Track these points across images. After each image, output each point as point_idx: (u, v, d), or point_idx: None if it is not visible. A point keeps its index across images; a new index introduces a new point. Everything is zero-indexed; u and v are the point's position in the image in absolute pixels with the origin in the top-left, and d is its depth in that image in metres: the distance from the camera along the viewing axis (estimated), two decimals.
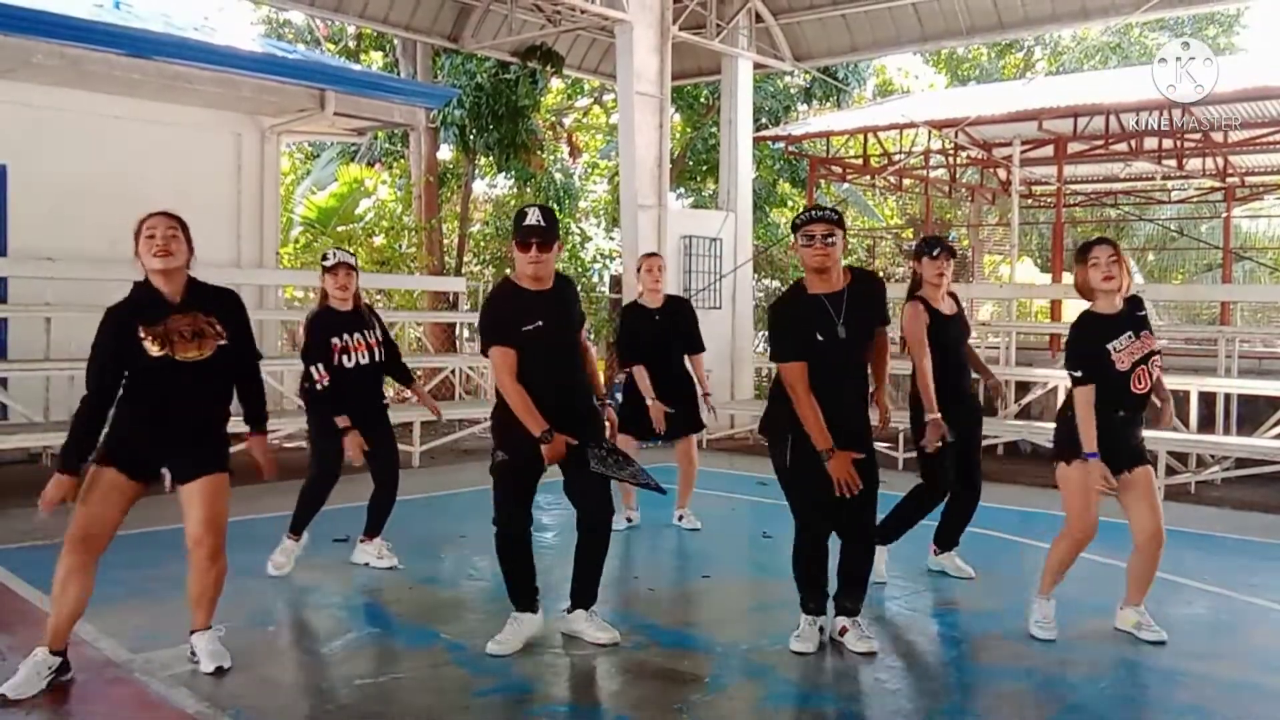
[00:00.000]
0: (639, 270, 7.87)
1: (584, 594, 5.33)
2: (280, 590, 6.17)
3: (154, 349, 4.50)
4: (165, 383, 4.56)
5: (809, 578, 5.26)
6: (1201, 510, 9.07)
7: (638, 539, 7.65)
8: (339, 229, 18.44)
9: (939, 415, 6.03)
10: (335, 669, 4.93)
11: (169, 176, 11.20)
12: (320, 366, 6.29)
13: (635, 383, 7.64)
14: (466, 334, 16.81)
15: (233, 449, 4.86)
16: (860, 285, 5.17)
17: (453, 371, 14.04)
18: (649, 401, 7.45)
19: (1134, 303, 5.31)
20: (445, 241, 20.12)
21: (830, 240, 5.00)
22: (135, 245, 4.63)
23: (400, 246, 18.30)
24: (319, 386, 6.30)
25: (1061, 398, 11.34)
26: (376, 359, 6.51)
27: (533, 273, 5.04)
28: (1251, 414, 10.90)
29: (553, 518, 8.00)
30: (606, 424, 5.34)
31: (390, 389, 8.78)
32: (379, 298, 15.70)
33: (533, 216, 5.03)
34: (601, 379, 5.35)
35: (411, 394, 6.94)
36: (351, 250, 7.11)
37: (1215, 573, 6.80)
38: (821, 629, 5.26)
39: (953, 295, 6.50)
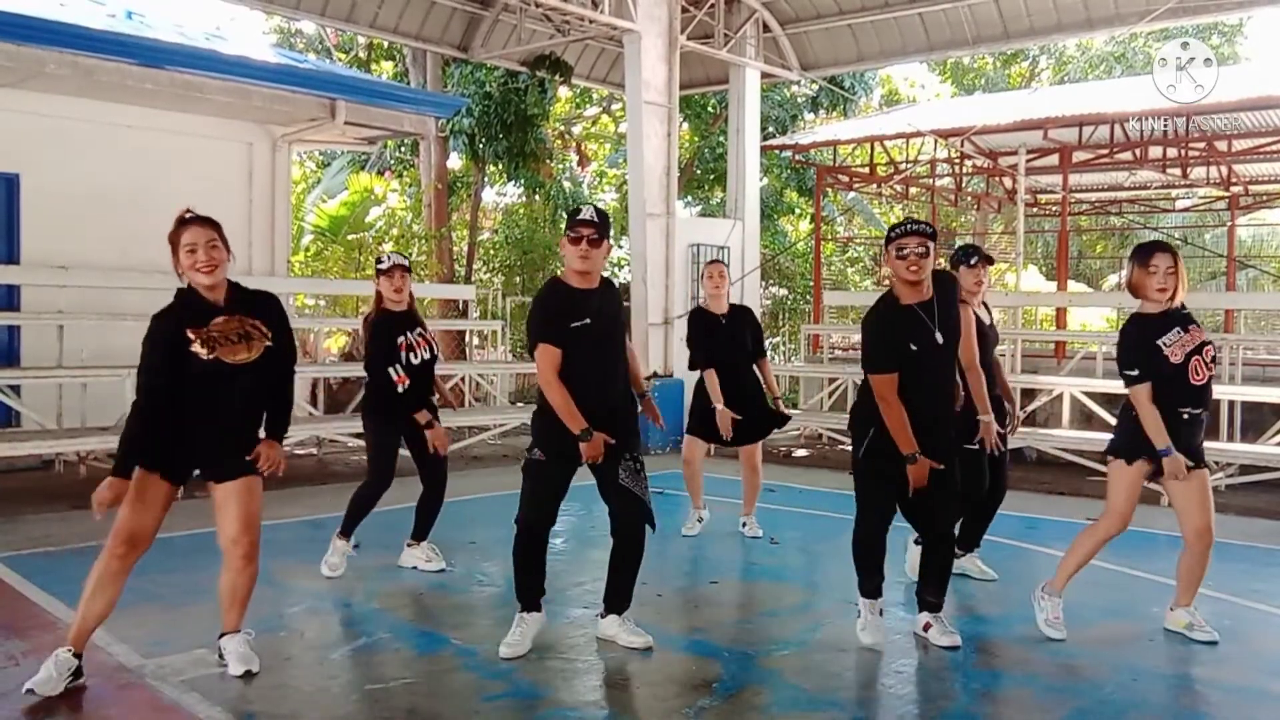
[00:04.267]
0: (702, 279, 8.04)
1: (618, 600, 5.38)
2: (292, 596, 6.21)
3: (203, 352, 4.49)
4: (217, 388, 4.56)
5: (865, 565, 5.40)
6: None
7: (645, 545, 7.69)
8: (349, 237, 18.54)
9: (991, 417, 6.11)
10: (346, 674, 4.97)
11: (181, 185, 11.23)
12: (399, 368, 6.37)
13: (700, 391, 7.74)
14: (476, 341, 16.88)
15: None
16: (943, 290, 5.29)
17: (463, 379, 14.09)
18: (717, 408, 7.50)
19: (1181, 307, 5.48)
20: (455, 249, 20.21)
21: (923, 253, 5.07)
22: (174, 257, 4.61)
23: (410, 255, 18.36)
24: (400, 389, 6.38)
25: (1069, 404, 11.45)
26: (435, 353, 6.65)
27: (581, 267, 5.09)
28: (1255, 421, 10.95)
29: (562, 523, 8.04)
30: (645, 415, 5.49)
31: None
32: None
33: (587, 212, 5.12)
34: (641, 376, 5.43)
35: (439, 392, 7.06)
36: (406, 255, 7.15)
37: (1219, 578, 6.79)
38: (880, 611, 5.40)
39: (985, 305, 6.59)
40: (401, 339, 6.44)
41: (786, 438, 13.78)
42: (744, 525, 8.09)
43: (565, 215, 5.26)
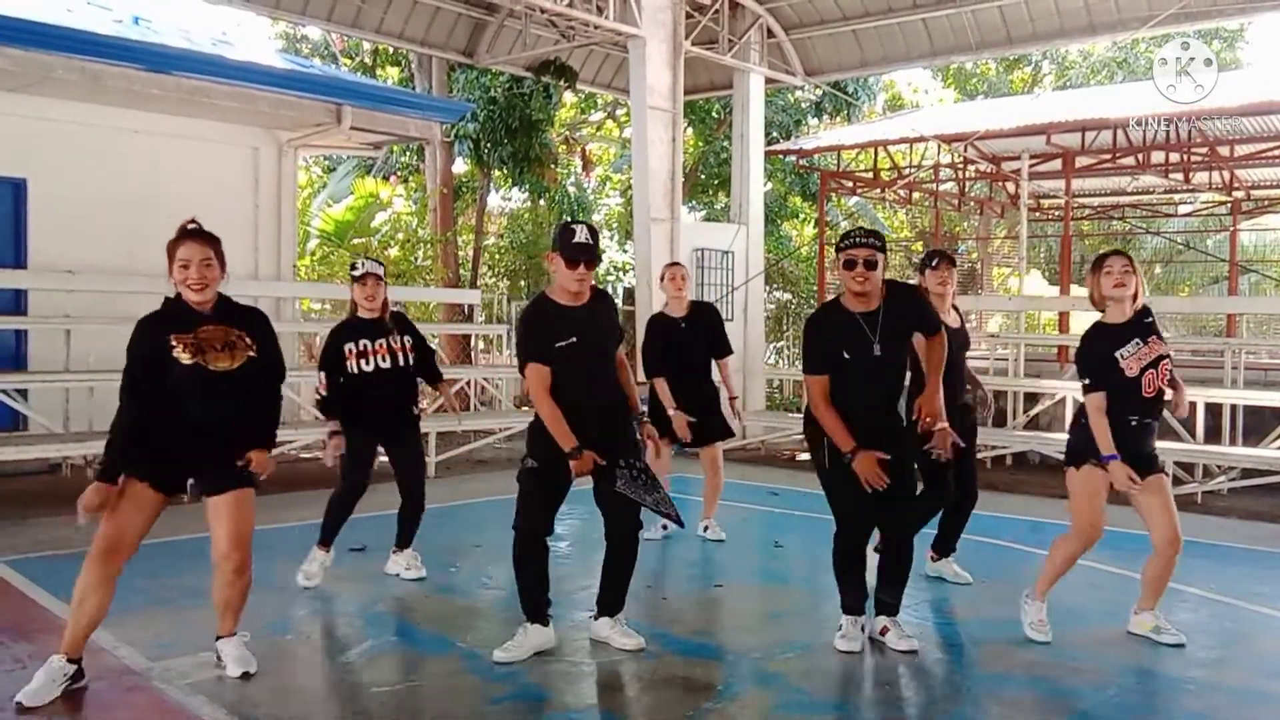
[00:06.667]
0: (662, 280, 7.92)
1: (611, 602, 5.39)
2: (299, 599, 6.24)
3: (185, 357, 4.52)
4: (198, 393, 4.57)
5: (848, 578, 5.42)
6: (1208, 520, 9.10)
7: (650, 548, 7.71)
8: (355, 241, 18.58)
9: (947, 424, 6.13)
10: (353, 677, 4.99)
11: (187, 190, 11.33)
12: (323, 376, 6.40)
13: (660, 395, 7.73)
14: (481, 345, 16.91)
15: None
16: (896, 300, 5.27)
17: (468, 383, 14.13)
18: (670, 412, 7.49)
19: (1142, 311, 5.43)
20: (460, 254, 20.25)
21: (872, 263, 5.08)
22: (169, 266, 4.63)
23: (416, 259, 18.43)
24: (317, 394, 6.46)
25: (1070, 408, 11.46)
26: (400, 364, 6.50)
27: (577, 289, 5.08)
28: (1257, 424, 10.98)
29: (566, 527, 8.06)
30: (644, 439, 5.44)
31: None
32: (394, 310, 15.81)
33: (582, 234, 5.04)
34: (635, 392, 5.43)
35: (438, 392, 7.03)
36: (380, 260, 7.09)
37: (1221, 581, 6.85)
38: (863, 627, 5.41)
39: (955, 308, 6.62)
40: (351, 345, 6.40)
41: (790, 441, 13.80)
42: (705, 529, 7.99)
43: (558, 227, 5.19)
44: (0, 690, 4.57)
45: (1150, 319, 5.42)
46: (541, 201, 21.88)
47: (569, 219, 5.42)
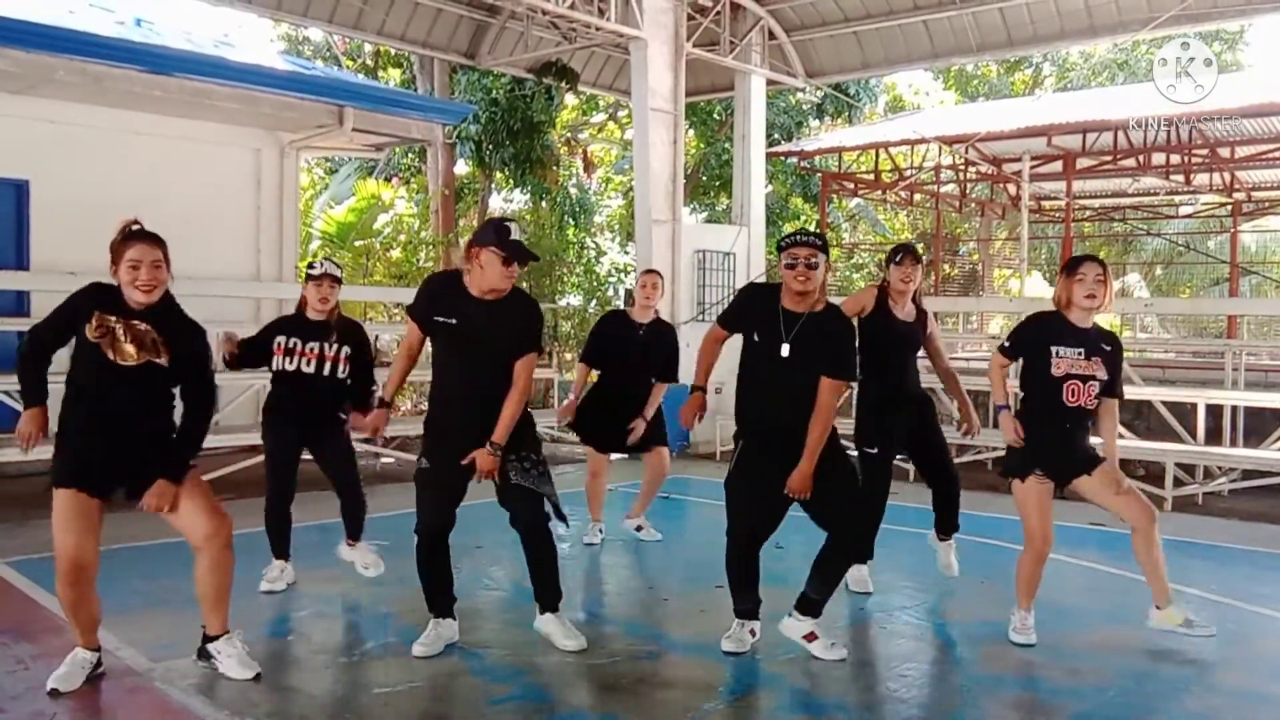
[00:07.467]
0: (635, 286, 7.90)
1: (544, 596, 5.36)
2: (299, 600, 6.24)
3: (93, 333, 4.48)
4: (93, 375, 4.53)
5: (737, 582, 5.37)
6: (1208, 521, 9.12)
7: (651, 548, 7.72)
8: (357, 243, 18.57)
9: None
10: (353, 678, 4.99)
11: (189, 191, 11.35)
12: (235, 336, 6.13)
13: (596, 395, 7.67)
14: None
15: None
16: (824, 320, 5.16)
17: None
18: (570, 397, 7.59)
19: (1106, 336, 5.41)
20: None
21: (813, 264, 5.06)
22: (114, 265, 4.59)
23: (418, 261, 18.43)
24: (223, 356, 6.00)
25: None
26: (325, 372, 6.17)
27: (502, 286, 5.00)
28: (1258, 426, 11.00)
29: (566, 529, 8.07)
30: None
31: (408, 400, 8.75)
32: (397, 311, 15.85)
33: (516, 231, 4.99)
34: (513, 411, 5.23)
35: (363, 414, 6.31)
36: (340, 264, 6.88)
37: (1222, 582, 6.85)
38: (752, 632, 5.37)
39: (920, 307, 6.51)
40: (282, 339, 6.16)
41: None
42: (637, 529, 7.91)
43: (488, 224, 5.13)
44: (1, 690, 4.59)
45: (1110, 348, 5.36)
46: (543, 203, 21.89)
47: (499, 216, 5.27)
